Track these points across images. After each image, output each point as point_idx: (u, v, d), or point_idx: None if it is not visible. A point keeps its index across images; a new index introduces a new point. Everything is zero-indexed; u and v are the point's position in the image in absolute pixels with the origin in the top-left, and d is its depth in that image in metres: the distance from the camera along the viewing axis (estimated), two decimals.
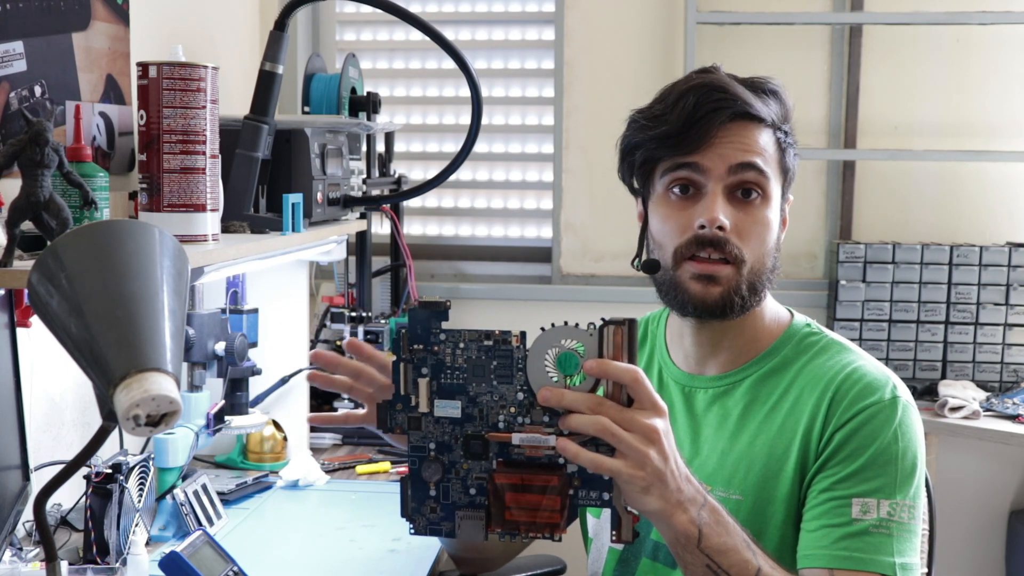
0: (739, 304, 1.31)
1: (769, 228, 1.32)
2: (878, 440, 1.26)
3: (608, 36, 2.90)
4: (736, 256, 1.29)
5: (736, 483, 1.32)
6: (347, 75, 2.51)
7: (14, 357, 1.55)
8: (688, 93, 1.31)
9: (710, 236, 1.29)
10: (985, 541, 2.88)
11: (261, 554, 1.79)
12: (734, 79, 1.34)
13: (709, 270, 1.29)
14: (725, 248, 1.29)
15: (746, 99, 1.31)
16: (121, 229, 1.01)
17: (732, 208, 1.30)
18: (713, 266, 1.29)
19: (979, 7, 2.74)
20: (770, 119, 1.33)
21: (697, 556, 1.12)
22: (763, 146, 1.31)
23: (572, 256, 2.97)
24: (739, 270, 1.30)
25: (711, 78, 1.33)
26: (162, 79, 1.57)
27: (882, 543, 1.22)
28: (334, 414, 1.33)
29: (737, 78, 1.35)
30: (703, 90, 1.31)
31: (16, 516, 1.53)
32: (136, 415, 0.88)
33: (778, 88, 1.36)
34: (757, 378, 1.36)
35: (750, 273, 1.30)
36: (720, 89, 1.31)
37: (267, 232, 1.89)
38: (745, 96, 1.31)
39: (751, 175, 1.30)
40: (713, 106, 1.30)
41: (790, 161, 1.36)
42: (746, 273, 1.30)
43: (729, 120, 1.30)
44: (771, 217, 1.32)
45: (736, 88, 1.32)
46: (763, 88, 1.35)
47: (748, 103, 1.31)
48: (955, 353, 2.75)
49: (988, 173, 2.85)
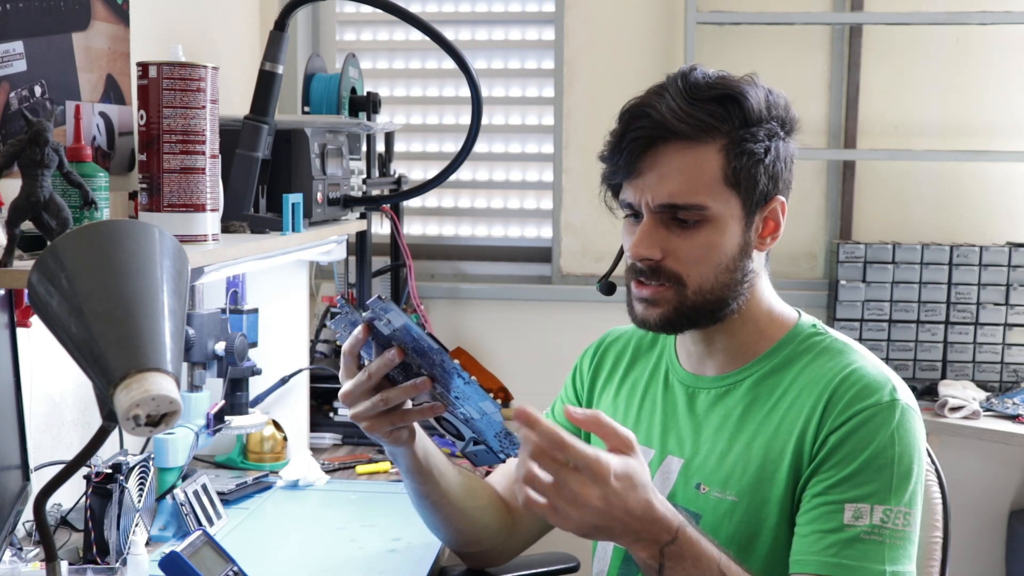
0: (686, 323, 1.32)
1: (714, 249, 1.29)
2: (873, 444, 1.24)
3: (608, 36, 2.90)
4: (675, 279, 1.29)
5: (732, 484, 1.32)
6: (347, 75, 2.51)
7: (14, 357, 1.55)
8: (623, 117, 1.30)
9: (642, 267, 1.31)
10: (985, 541, 2.88)
11: (261, 554, 1.79)
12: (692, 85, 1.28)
13: (645, 293, 1.32)
14: (660, 275, 1.30)
15: (673, 120, 1.25)
16: (121, 229, 1.01)
17: (668, 233, 1.29)
18: (650, 289, 1.31)
19: (979, 7, 2.74)
20: (712, 134, 1.26)
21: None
22: (692, 171, 1.26)
23: (572, 256, 2.97)
24: (681, 292, 1.30)
25: (643, 99, 1.29)
26: (162, 79, 1.57)
27: (873, 550, 1.21)
28: None
29: (699, 81, 1.28)
30: (629, 115, 1.29)
31: (16, 516, 1.53)
32: (136, 415, 0.88)
33: (739, 91, 1.28)
34: (757, 378, 1.36)
35: (696, 294, 1.30)
36: (643, 115, 1.27)
37: (267, 232, 1.89)
38: (673, 117, 1.25)
39: (677, 208, 1.28)
40: (634, 135, 1.27)
41: (754, 170, 1.28)
42: (690, 294, 1.30)
43: (657, 145, 1.27)
44: (716, 238, 1.28)
45: (665, 107, 1.26)
46: (716, 96, 1.27)
47: (671, 126, 1.25)
48: (955, 353, 2.75)
49: (988, 173, 2.85)
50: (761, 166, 1.29)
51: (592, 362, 1.56)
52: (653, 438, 1.43)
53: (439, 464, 1.44)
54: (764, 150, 1.29)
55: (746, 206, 1.30)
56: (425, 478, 1.42)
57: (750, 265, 1.33)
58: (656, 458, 1.41)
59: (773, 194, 1.32)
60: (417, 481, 1.43)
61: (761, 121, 1.29)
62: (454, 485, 1.47)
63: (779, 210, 1.33)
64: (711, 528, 1.31)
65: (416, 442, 1.37)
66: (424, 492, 1.45)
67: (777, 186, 1.32)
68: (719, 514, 1.32)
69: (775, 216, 1.33)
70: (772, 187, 1.31)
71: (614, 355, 1.54)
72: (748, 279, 1.33)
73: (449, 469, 1.46)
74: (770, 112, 1.30)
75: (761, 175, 1.29)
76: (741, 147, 1.27)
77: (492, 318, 2.96)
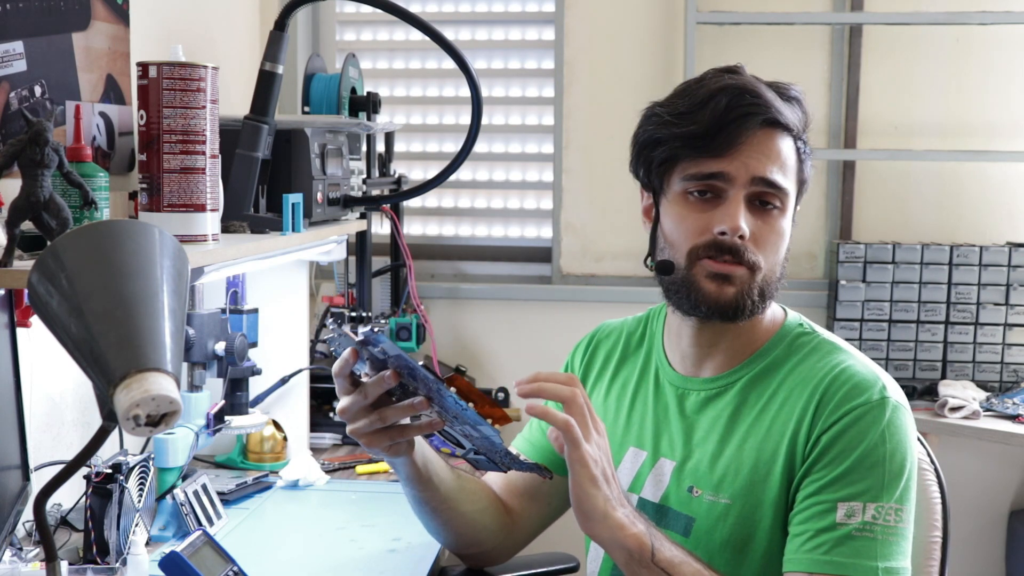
0: (749, 307, 1.32)
1: (783, 238, 1.33)
2: (865, 442, 1.24)
3: (608, 36, 2.90)
4: (752, 262, 1.30)
5: (725, 487, 1.32)
6: (347, 75, 2.51)
7: (14, 357, 1.55)
8: (719, 94, 1.28)
9: (729, 243, 1.29)
10: (985, 541, 2.88)
11: (261, 554, 1.79)
12: (760, 82, 1.33)
13: (725, 270, 1.29)
14: (743, 255, 1.29)
15: (776, 106, 1.30)
16: (121, 229, 1.01)
17: (751, 215, 1.30)
18: (729, 266, 1.29)
19: (979, 7, 2.74)
20: (794, 128, 1.32)
21: (653, 571, 1.18)
22: (785, 157, 1.31)
23: (572, 256, 2.97)
24: (754, 275, 1.30)
25: (742, 80, 1.31)
26: (162, 79, 1.57)
27: (865, 547, 1.21)
28: None
29: (763, 81, 1.33)
30: (735, 92, 1.29)
31: (16, 516, 1.53)
32: (136, 415, 0.88)
33: (800, 95, 1.35)
34: (748, 380, 1.35)
35: (763, 280, 1.31)
36: (752, 93, 1.29)
37: (267, 232, 1.89)
38: (775, 102, 1.30)
39: (772, 188, 1.30)
40: (744, 111, 1.28)
41: (807, 171, 1.36)
42: (759, 279, 1.31)
43: (759, 127, 1.29)
44: (786, 227, 1.33)
45: (767, 93, 1.31)
46: (787, 94, 1.34)
47: (778, 110, 1.30)
48: (955, 353, 2.75)
49: (988, 173, 2.85)
50: (808, 165, 1.36)
51: (583, 358, 1.56)
52: (646, 440, 1.42)
53: (438, 470, 1.43)
54: (810, 153, 1.36)
55: (797, 201, 1.36)
56: (425, 485, 1.42)
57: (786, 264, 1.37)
58: (648, 460, 1.41)
59: (802, 197, 1.37)
60: (417, 488, 1.42)
61: (807, 127, 1.36)
62: (453, 490, 1.46)
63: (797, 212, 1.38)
64: (705, 532, 1.32)
65: (415, 451, 1.35)
66: (424, 498, 1.44)
67: (805, 190, 1.38)
68: (713, 518, 1.32)
69: (795, 217, 1.37)
70: (805, 191, 1.37)
71: (605, 352, 1.54)
72: (783, 278, 1.36)
73: (448, 474, 1.46)
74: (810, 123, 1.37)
75: (808, 175, 1.36)
76: (804, 147, 1.34)
77: (492, 318, 2.96)
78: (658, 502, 1.38)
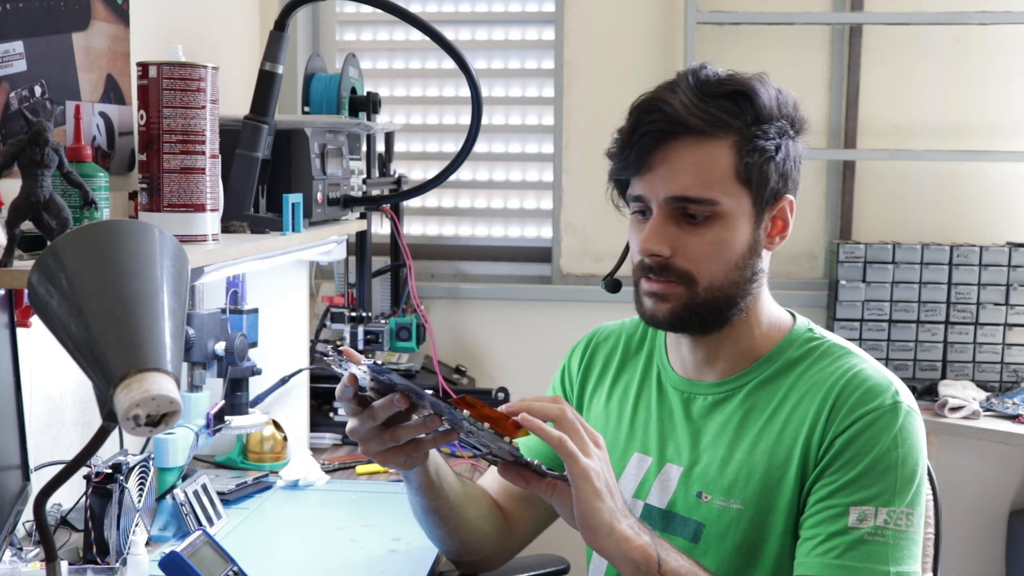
0: (696, 321, 1.31)
1: (724, 246, 1.28)
2: (877, 446, 1.24)
3: (608, 36, 2.90)
4: (684, 276, 1.28)
5: (736, 492, 1.31)
6: (347, 75, 2.51)
7: (14, 357, 1.55)
8: (633, 113, 1.29)
9: (651, 263, 1.30)
10: (985, 541, 2.88)
11: (261, 554, 1.79)
12: (703, 81, 1.28)
13: (654, 288, 1.30)
14: (668, 272, 1.29)
15: (683, 115, 1.25)
16: (121, 229, 1.01)
17: (678, 230, 1.28)
18: (658, 284, 1.30)
19: (979, 7, 2.74)
20: (725, 129, 1.26)
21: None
22: (705, 166, 1.26)
23: (572, 256, 2.97)
24: (691, 289, 1.29)
25: (659, 93, 1.29)
26: (162, 79, 1.57)
27: (877, 552, 1.21)
28: None
29: (711, 78, 1.28)
30: (643, 110, 1.28)
31: (16, 516, 1.53)
32: (136, 415, 0.88)
33: (751, 87, 1.27)
34: (756, 384, 1.34)
35: (706, 291, 1.29)
36: (655, 109, 1.27)
37: (267, 232, 1.89)
38: (687, 111, 1.25)
39: (689, 202, 1.27)
40: (646, 129, 1.27)
41: (765, 167, 1.27)
42: (701, 291, 1.29)
43: (671, 141, 1.26)
44: (726, 235, 1.28)
45: (678, 102, 1.26)
46: (728, 92, 1.27)
47: (686, 120, 1.25)
48: (955, 353, 2.75)
49: (988, 173, 2.85)
50: (772, 163, 1.28)
51: (581, 362, 1.54)
52: (650, 445, 1.41)
53: (448, 478, 1.42)
54: (775, 147, 1.28)
55: (756, 204, 1.29)
56: (436, 493, 1.41)
57: (759, 264, 1.32)
58: (654, 466, 1.39)
59: (783, 193, 1.31)
60: (427, 497, 1.41)
61: (772, 118, 1.28)
62: (460, 496, 1.45)
63: (788, 209, 1.32)
64: (716, 537, 1.31)
65: (429, 458, 1.35)
66: (433, 507, 1.43)
67: (787, 185, 1.31)
68: (724, 522, 1.31)
69: (784, 215, 1.33)
70: (782, 185, 1.31)
71: (604, 356, 1.52)
72: (757, 278, 1.32)
73: (455, 480, 1.45)
74: (781, 110, 1.29)
75: (772, 172, 1.29)
76: (753, 144, 1.27)
77: (492, 318, 2.96)
78: (665, 508, 1.36)
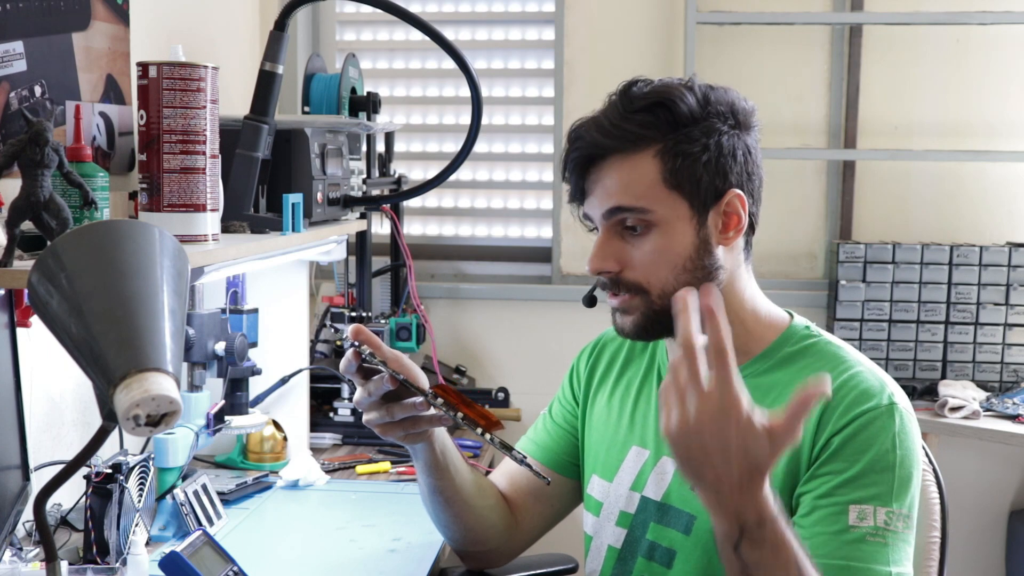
0: (662, 327, 1.33)
1: (666, 252, 1.30)
2: (875, 446, 1.25)
3: (608, 36, 2.90)
4: (635, 287, 1.32)
5: None
6: (347, 75, 2.50)
7: (14, 357, 1.55)
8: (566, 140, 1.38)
9: (603, 279, 1.34)
10: (985, 541, 2.88)
11: (261, 554, 1.79)
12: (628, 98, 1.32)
13: (614, 303, 1.36)
14: (621, 286, 1.33)
15: (602, 139, 1.31)
16: (121, 229, 1.01)
17: (623, 243, 1.32)
18: (618, 299, 1.34)
19: (979, 7, 2.74)
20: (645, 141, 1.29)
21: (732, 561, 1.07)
22: (632, 179, 1.30)
23: (572, 256, 2.97)
24: (646, 298, 1.32)
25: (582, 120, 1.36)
26: (162, 79, 1.57)
27: (878, 552, 1.21)
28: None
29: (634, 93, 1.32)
30: (568, 139, 1.37)
31: (16, 516, 1.53)
32: (136, 415, 0.88)
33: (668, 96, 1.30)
34: (752, 379, 1.34)
35: (661, 297, 1.31)
36: (578, 137, 1.34)
37: (267, 232, 1.89)
38: (604, 134, 1.31)
39: (623, 216, 1.31)
40: (573, 156, 1.35)
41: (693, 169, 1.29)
42: (655, 299, 1.31)
43: (597, 163, 1.33)
44: (664, 242, 1.30)
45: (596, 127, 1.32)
46: (646, 105, 1.31)
47: (603, 144, 1.31)
48: (955, 353, 2.75)
49: (988, 173, 2.85)
50: (699, 164, 1.29)
51: (588, 363, 1.58)
52: (648, 439, 1.43)
53: (455, 459, 1.47)
54: (701, 148, 1.29)
55: (694, 205, 1.31)
56: (442, 473, 1.45)
57: (714, 262, 1.32)
58: (651, 459, 1.42)
59: (724, 189, 1.31)
60: (434, 476, 1.45)
61: (695, 121, 1.30)
62: (467, 482, 1.50)
63: (737, 203, 1.32)
64: (707, 529, 1.30)
65: (435, 437, 1.40)
66: (439, 488, 1.47)
67: (728, 180, 1.31)
68: None
69: (734, 209, 1.32)
70: (721, 182, 1.31)
71: (609, 356, 1.56)
72: (715, 275, 1.32)
73: (463, 465, 1.49)
74: (706, 110, 1.31)
75: (702, 173, 1.30)
76: (676, 149, 1.29)
77: (492, 318, 2.96)
78: (660, 500, 1.39)
